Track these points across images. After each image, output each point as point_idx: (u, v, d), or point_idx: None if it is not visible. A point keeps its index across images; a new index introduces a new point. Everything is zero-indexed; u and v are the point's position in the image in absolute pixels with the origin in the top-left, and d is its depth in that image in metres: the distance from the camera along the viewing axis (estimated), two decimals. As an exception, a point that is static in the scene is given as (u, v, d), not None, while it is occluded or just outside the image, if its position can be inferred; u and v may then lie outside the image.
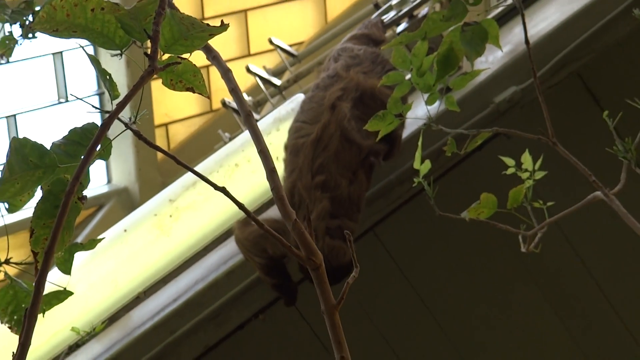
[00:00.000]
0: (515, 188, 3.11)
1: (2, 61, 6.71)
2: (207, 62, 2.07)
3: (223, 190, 1.83)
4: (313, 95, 4.07)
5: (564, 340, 4.63)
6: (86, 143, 1.88)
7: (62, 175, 1.91)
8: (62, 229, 1.68)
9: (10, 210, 2.30)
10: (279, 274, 4.02)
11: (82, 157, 1.65)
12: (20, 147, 1.89)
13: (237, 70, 6.70)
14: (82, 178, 1.60)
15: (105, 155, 1.92)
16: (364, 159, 3.96)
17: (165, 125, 7.79)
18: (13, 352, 1.57)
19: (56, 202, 1.93)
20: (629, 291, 4.69)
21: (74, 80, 7.46)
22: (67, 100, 7.39)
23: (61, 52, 7.38)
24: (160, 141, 7.72)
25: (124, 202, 7.46)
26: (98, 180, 7.57)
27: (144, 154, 7.50)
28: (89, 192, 7.08)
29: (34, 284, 1.78)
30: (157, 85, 7.61)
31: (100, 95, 7.76)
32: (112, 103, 1.64)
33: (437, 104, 3.55)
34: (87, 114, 7.98)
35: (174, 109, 7.89)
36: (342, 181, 3.91)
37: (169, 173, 6.20)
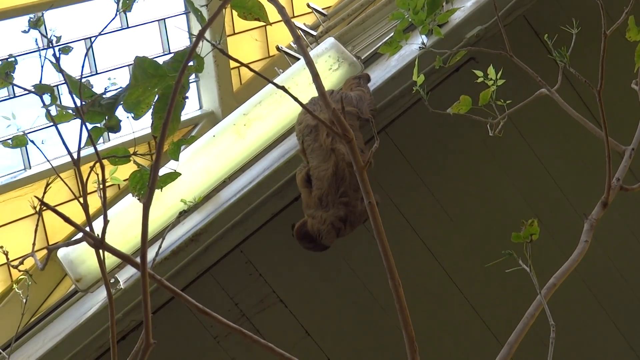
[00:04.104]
0: (484, 91, 3.06)
1: (121, 21, 6.58)
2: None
3: (283, 88, 1.80)
4: (313, 147, 3.95)
5: (513, 195, 4.61)
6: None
7: (171, 83, 1.89)
8: (171, 118, 1.66)
9: (136, 117, 2.27)
10: None
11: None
12: (142, 63, 1.87)
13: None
14: (183, 82, 1.58)
15: (199, 68, 1.90)
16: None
17: (238, 67, 7.73)
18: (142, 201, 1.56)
19: (167, 102, 1.91)
20: (557, 158, 4.67)
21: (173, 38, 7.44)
22: (169, 52, 7.36)
23: (164, 19, 7.33)
24: (234, 78, 7.67)
25: (211, 121, 7.43)
26: (193, 106, 7.56)
27: (225, 87, 7.46)
28: (187, 116, 6.97)
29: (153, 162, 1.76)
30: (231, 40, 7.56)
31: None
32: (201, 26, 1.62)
33: (426, 38, 3.49)
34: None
35: (243, 55, 7.81)
36: (358, 203, 3.91)
37: (242, 100, 6.13)
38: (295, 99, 1.82)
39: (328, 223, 3.89)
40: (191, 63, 1.90)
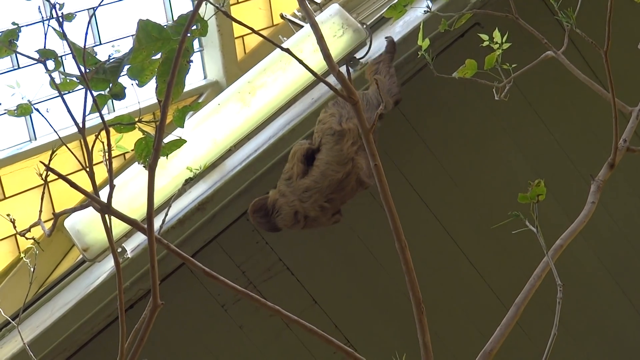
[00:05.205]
0: (490, 55, 3.04)
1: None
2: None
3: (288, 50, 1.79)
4: (332, 147, 3.89)
5: (518, 159, 4.60)
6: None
7: (175, 46, 1.89)
8: (174, 82, 1.65)
9: (140, 84, 2.26)
10: None
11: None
12: (145, 26, 1.86)
13: (290, -5, 6.59)
14: (187, 45, 1.58)
15: (203, 32, 1.89)
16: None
17: (242, 36, 7.70)
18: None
19: (171, 65, 1.90)
20: (562, 122, 4.66)
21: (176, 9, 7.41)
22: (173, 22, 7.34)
23: (167, -12, 7.31)
24: (238, 48, 7.64)
25: (215, 91, 7.40)
26: (197, 76, 7.53)
27: (229, 56, 7.44)
28: (192, 86, 6.90)
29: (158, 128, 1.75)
30: (235, 9, 7.53)
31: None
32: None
33: (430, 3, 3.47)
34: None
35: (247, 24, 7.78)
36: (330, 217, 3.92)
37: (246, 69, 6.13)
38: (301, 62, 1.82)
39: (293, 209, 3.87)
40: (195, 27, 1.89)
